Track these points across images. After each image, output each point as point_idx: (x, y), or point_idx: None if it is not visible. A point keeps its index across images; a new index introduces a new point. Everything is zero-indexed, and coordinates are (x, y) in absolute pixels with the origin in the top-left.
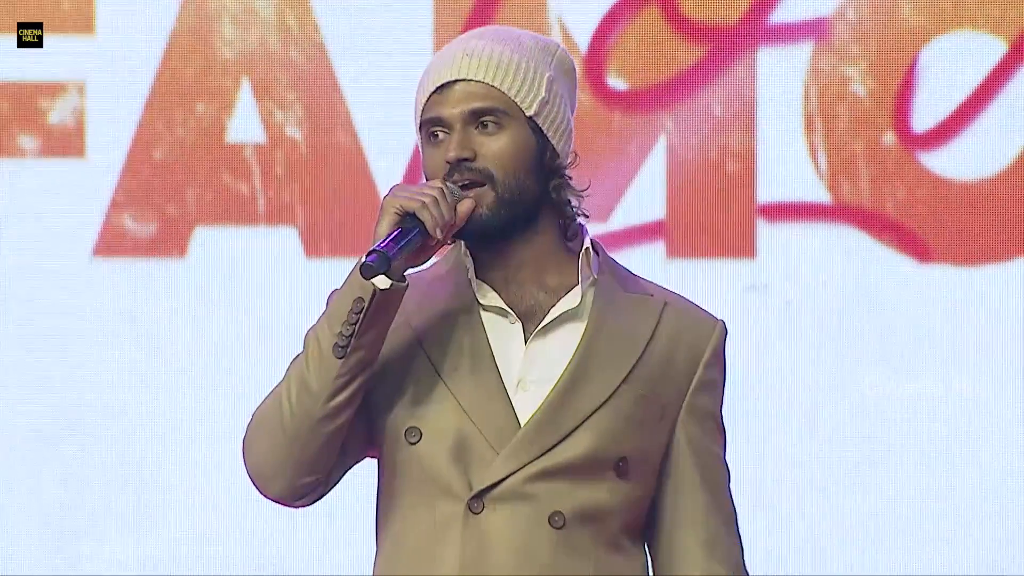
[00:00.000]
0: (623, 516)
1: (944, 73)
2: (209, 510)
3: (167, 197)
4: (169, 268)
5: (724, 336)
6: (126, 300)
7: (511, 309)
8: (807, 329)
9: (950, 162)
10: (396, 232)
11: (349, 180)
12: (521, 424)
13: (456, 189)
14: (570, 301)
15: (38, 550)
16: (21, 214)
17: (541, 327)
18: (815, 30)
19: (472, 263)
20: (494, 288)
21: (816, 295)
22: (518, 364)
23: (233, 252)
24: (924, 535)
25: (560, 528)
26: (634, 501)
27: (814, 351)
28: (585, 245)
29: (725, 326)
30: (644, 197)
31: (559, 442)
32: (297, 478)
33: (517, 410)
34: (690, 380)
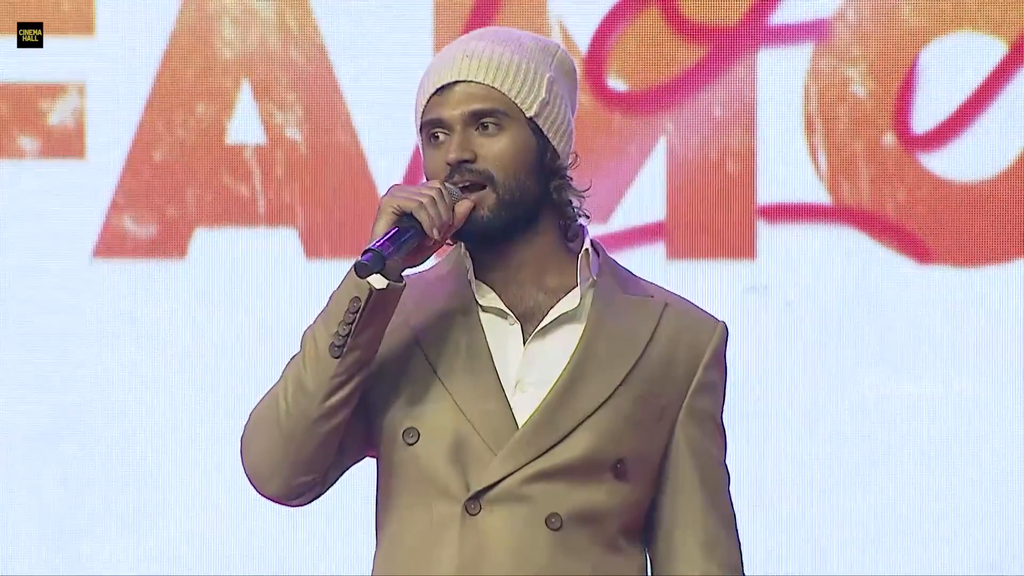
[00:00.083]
0: (621, 517)
1: (944, 74)
2: (209, 510)
3: (167, 198)
4: (169, 269)
5: (725, 337)
6: (126, 301)
7: (510, 310)
8: (807, 330)
9: (950, 163)
10: (393, 232)
11: (349, 181)
12: (519, 425)
13: (455, 190)
14: (569, 302)
15: (38, 550)
16: (21, 215)
17: (540, 328)
18: (815, 31)
19: (472, 264)
20: (494, 289)
21: (816, 296)
22: (516, 365)
23: (233, 253)
24: (924, 535)
25: (557, 530)
26: (632, 503)
27: (814, 352)
28: (585, 246)
29: (726, 327)
30: (644, 198)
31: (557, 443)
32: (293, 477)
33: (515, 411)
34: (690, 381)
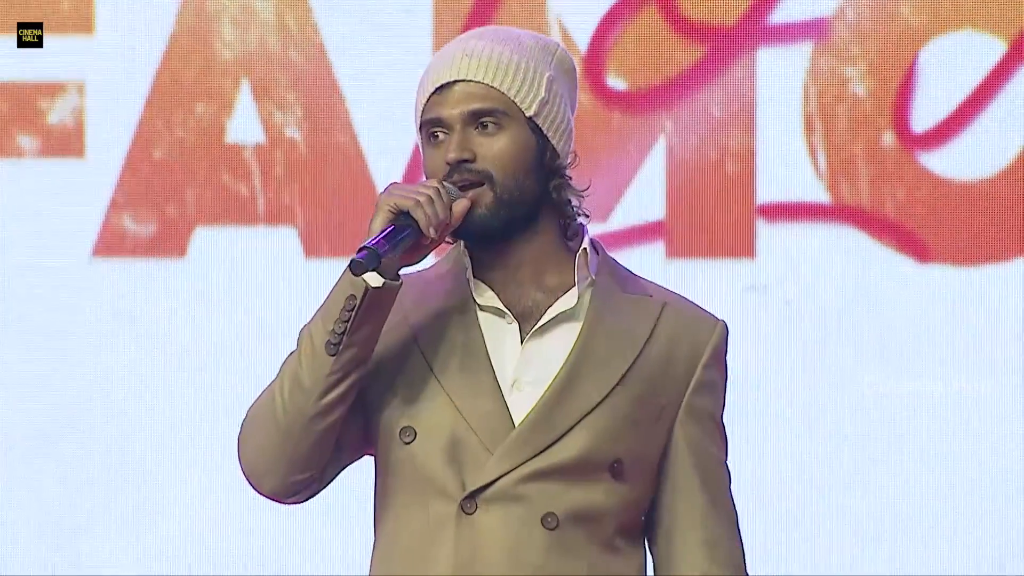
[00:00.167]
0: (619, 517)
1: (944, 73)
2: (208, 509)
3: (167, 197)
4: (169, 268)
5: (725, 336)
6: (126, 300)
7: (508, 309)
8: (807, 329)
9: (949, 162)
10: (389, 229)
11: (348, 180)
12: (515, 424)
13: (453, 188)
14: (567, 301)
15: (37, 549)
16: (21, 214)
17: (537, 327)
18: (814, 30)
19: (471, 263)
20: (493, 288)
21: (815, 295)
22: (513, 364)
23: (233, 252)
24: (924, 534)
25: (553, 529)
26: (631, 502)
27: (813, 351)
28: (583, 245)
29: (726, 326)
30: (643, 197)
31: (553, 443)
32: (290, 475)
33: (511, 410)
34: (689, 380)
